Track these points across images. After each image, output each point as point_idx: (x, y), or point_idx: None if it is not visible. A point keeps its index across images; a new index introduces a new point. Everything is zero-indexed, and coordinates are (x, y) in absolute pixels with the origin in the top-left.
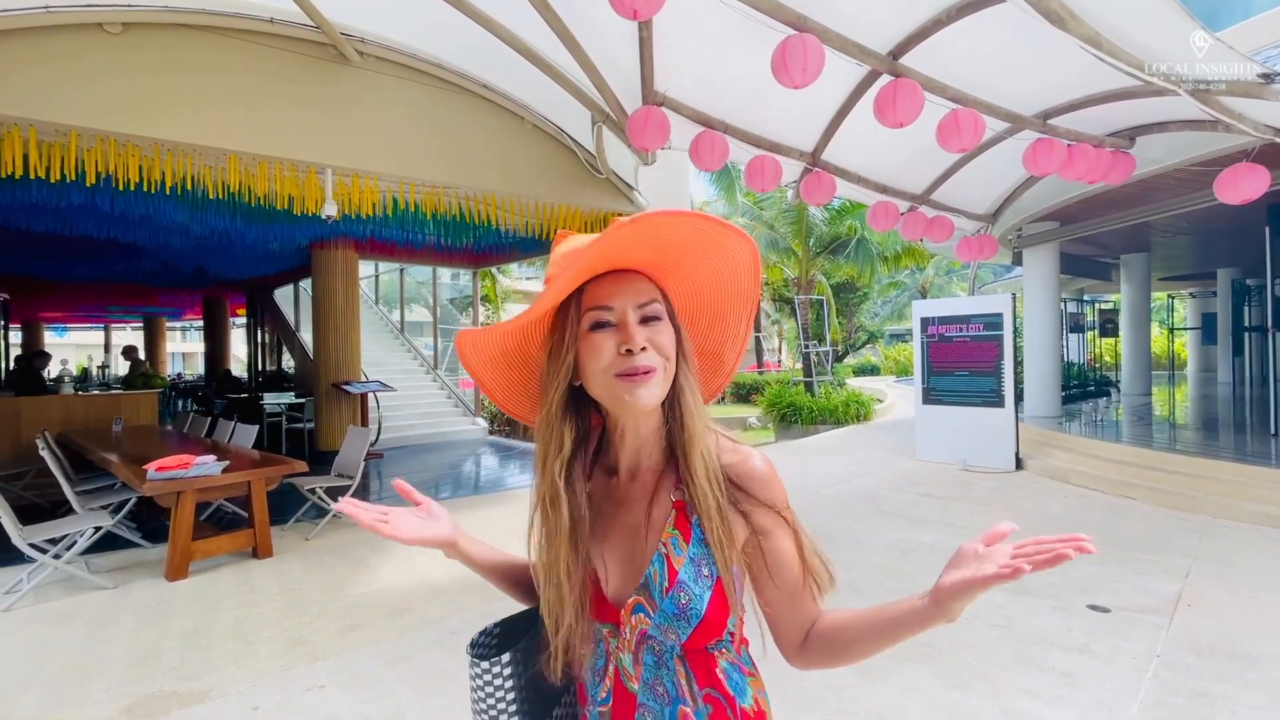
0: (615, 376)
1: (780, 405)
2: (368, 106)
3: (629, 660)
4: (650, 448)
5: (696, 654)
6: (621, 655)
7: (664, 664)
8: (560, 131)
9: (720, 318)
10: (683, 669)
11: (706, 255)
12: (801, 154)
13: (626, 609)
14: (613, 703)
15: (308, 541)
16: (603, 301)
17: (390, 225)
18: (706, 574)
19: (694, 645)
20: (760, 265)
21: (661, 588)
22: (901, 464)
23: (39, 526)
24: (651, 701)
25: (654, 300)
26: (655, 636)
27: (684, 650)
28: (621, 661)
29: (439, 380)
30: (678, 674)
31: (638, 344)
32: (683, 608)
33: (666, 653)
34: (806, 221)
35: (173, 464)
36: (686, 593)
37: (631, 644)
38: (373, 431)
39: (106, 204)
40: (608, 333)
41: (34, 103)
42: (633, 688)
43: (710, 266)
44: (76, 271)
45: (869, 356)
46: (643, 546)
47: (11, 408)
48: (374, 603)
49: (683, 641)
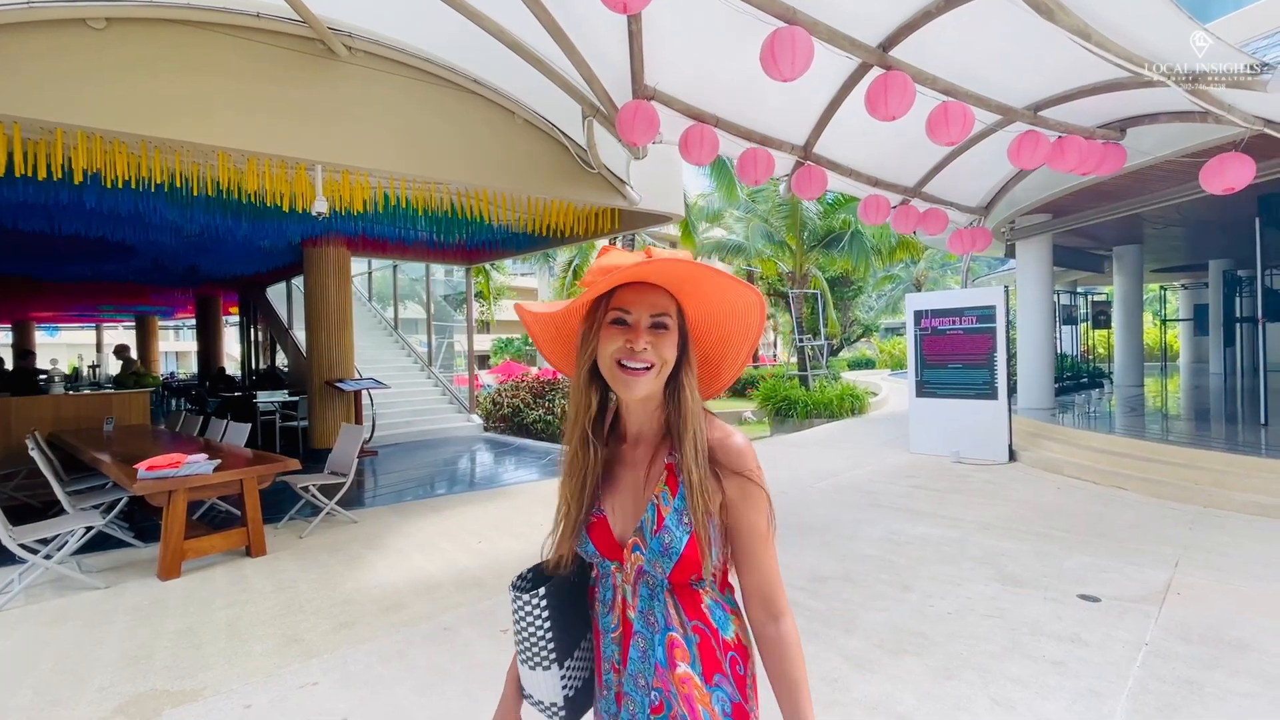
0: (617, 364)
1: (775, 399)
2: (356, 102)
3: (629, 592)
4: (651, 422)
5: (684, 589)
6: (625, 588)
7: (656, 596)
8: (551, 126)
9: (725, 339)
10: (672, 601)
11: (722, 293)
12: (793, 147)
13: (627, 548)
14: (620, 628)
15: (301, 540)
16: (625, 305)
17: (382, 221)
18: (686, 522)
19: (678, 579)
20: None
21: (651, 529)
22: (895, 456)
23: (30, 527)
24: (644, 629)
25: (665, 313)
26: (649, 571)
27: (672, 584)
28: (625, 593)
29: (433, 377)
30: (668, 606)
31: (640, 344)
32: (666, 546)
33: (658, 586)
34: (800, 215)
35: (164, 463)
36: (669, 534)
37: (631, 577)
38: (367, 429)
39: (95, 202)
40: (622, 328)
41: (17, 100)
42: (632, 616)
43: (722, 301)
44: (67, 271)
45: (864, 350)
46: (640, 498)
47: (2, 408)
48: (368, 599)
49: (668, 574)
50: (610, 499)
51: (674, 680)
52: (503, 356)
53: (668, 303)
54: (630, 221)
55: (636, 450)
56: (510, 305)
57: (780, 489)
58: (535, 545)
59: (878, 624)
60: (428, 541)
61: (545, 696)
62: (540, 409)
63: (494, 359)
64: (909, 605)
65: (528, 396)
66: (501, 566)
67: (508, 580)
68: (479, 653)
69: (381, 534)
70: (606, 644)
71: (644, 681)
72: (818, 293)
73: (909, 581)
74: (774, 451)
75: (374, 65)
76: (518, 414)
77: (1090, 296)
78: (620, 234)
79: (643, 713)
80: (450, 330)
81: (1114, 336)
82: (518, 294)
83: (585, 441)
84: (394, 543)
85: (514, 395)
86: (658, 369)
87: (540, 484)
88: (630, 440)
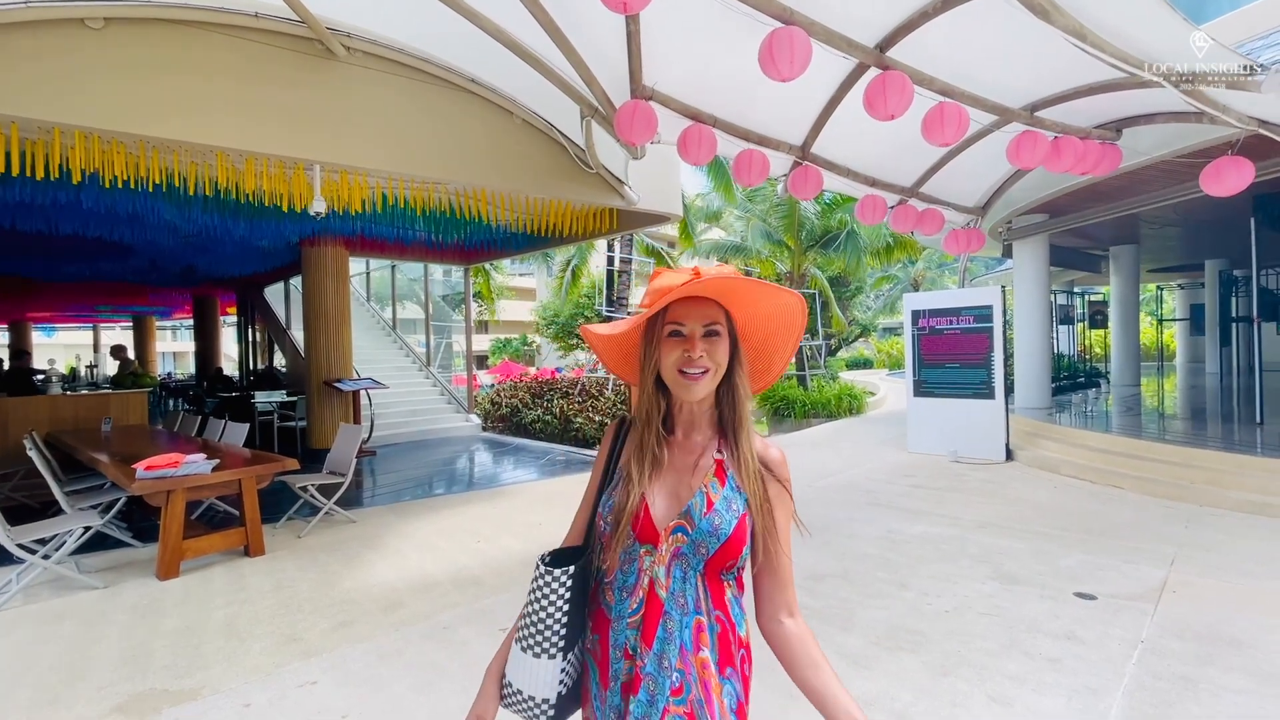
0: (679, 371)
1: (773, 399)
2: (355, 102)
3: (663, 573)
4: (703, 420)
5: (714, 578)
6: (657, 569)
7: (688, 579)
8: (549, 126)
9: (771, 336)
10: (702, 586)
11: (764, 299)
12: (791, 147)
13: (667, 530)
14: (644, 610)
15: (300, 539)
16: (679, 319)
17: (380, 221)
18: (736, 509)
19: (715, 565)
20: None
21: (701, 512)
22: (893, 456)
23: (28, 527)
24: (675, 610)
25: (715, 322)
26: (687, 555)
27: (705, 569)
28: (657, 574)
29: (431, 377)
30: (699, 589)
31: (697, 353)
32: (715, 527)
33: (692, 570)
34: (798, 215)
35: (162, 463)
36: (720, 517)
37: (666, 559)
38: (365, 429)
39: (93, 202)
40: (679, 340)
41: (14, 100)
42: (663, 595)
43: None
44: (64, 270)
45: (861, 350)
46: (688, 486)
47: (0, 408)
48: (366, 598)
49: (709, 557)
50: (653, 486)
51: (696, 663)
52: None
53: (716, 312)
54: (629, 221)
55: (686, 444)
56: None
57: None
58: (534, 544)
59: (875, 622)
60: (426, 541)
61: (537, 690)
62: (539, 409)
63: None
64: (906, 603)
65: (526, 396)
66: (500, 566)
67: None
68: (477, 651)
69: (380, 533)
70: (620, 630)
71: (667, 662)
72: (816, 292)
73: (907, 580)
74: None
75: (372, 65)
76: (516, 414)
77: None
78: (619, 234)
79: (662, 694)
80: (448, 330)
81: (1110, 336)
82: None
83: (659, 439)
84: (392, 542)
85: (512, 395)
86: (713, 372)
87: (539, 484)
88: (680, 435)
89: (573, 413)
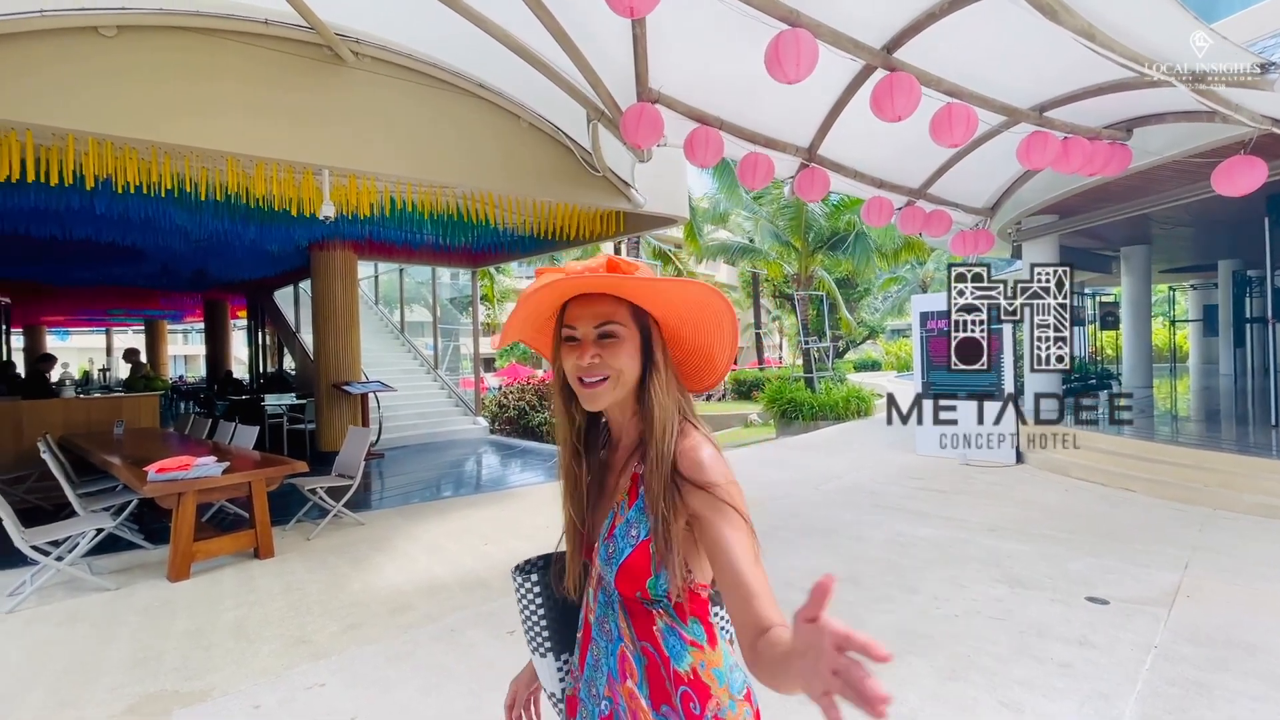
0: (577, 380)
1: (781, 401)
2: (363, 106)
3: (591, 596)
4: (629, 429)
5: (634, 604)
6: (589, 592)
7: (610, 605)
8: (556, 130)
9: (702, 327)
10: (623, 615)
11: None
12: (797, 149)
13: (595, 552)
14: (581, 634)
15: (309, 541)
16: (570, 322)
17: (388, 225)
18: (635, 534)
19: (626, 593)
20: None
21: (603, 537)
22: (901, 458)
23: (41, 529)
24: (600, 637)
25: (610, 321)
26: (604, 578)
27: (622, 597)
28: (588, 598)
29: (439, 380)
30: (619, 618)
31: (586, 358)
32: (610, 555)
33: (611, 596)
34: (805, 217)
35: (173, 465)
36: (614, 545)
37: (594, 582)
38: (373, 432)
39: (105, 207)
40: (573, 346)
41: (29, 107)
42: (592, 620)
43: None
44: (77, 275)
45: (869, 352)
46: (608, 506)
47: (14, 411)
48: (375, 601)
49: (612, 583)
50: (592, 503)
51: (623, 692)
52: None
53: (613, 309)
54: (635, 224)
55: (612, 459)
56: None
57: (784, 491)
58: (542, 547)
59: (883, 626)
60: (434, 543)
61: (546, 684)
62: (546, 411)
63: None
64: (915, 607)
65: (533, 399)
66: (506, 569)
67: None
68: (484, 653)
69: (388, 536)
70: (574, 653)
71: (595, 690)
72: (824, 294)
73: (915, 583)
74: (779, 454)
75: (380, 70)
76: (523, 416)
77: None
78: (625, 236)
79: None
80: (456, 333)
81: (1122, 338)
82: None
83: (576, 455)
84: (401, 545)
85: (519, 398)
86: (614, 379)
87: (546, 486)
88: (613, 445)
89: None
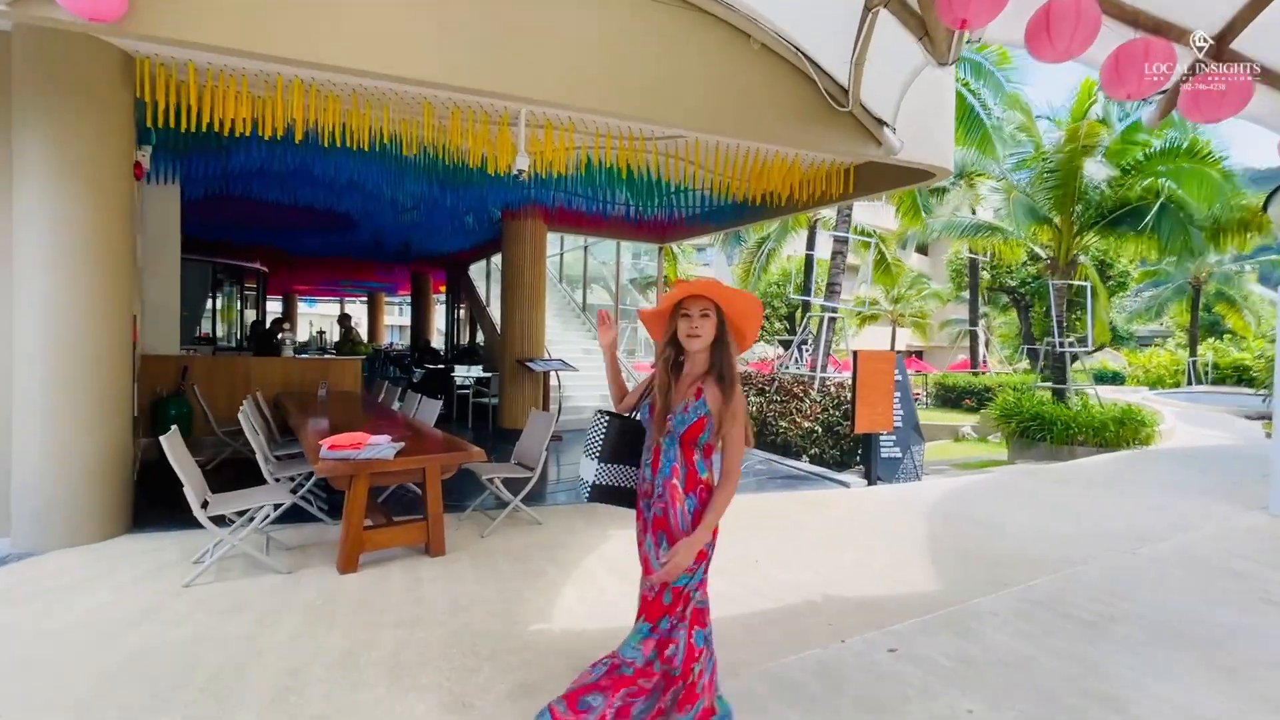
0: (687, 335)
1: (1019, 416)
2: (564, 25)
3: (665, 441)
4: (699, 365)
5: (686, 445)
6: (662, 439)
7: (673, 444)
8: (795, 54)
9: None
10: (678, 449)
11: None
12: (1199, 39)
13: (670, 419)
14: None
15: (483, 539)
16: (686, 307)
17: (582, 188)
18: (696, 412)
19: (684, 440)
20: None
21: (680, 410)
22: (1243, 517)
23: (223, 497)
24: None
25: (707, 310)
26: (674, 429)
27: (680, 441)
28: (661, 442)
29: (620, 362)
30: (676, 450)
31: (695, 324)
32: (683, 420)
33: (675, 440)
34: (1079, 184)
35: (346, 443)
36: (686, 416)
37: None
38: (553, 415)
39: (318, 168)
40: (687, 318)
41: (240, 34)
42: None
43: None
44: (307, 243)
45: (1105, 362)
46: (680, 399)
47: (244, 366)
48: (551, 647)
49: (679, 433)
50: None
51: (668, 487)
52: None
53: (708, 305)
54: (870, 182)
55: (686, 379)
56: None
57: (1081, 552)
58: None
59: None
60: (616, 559)
61: (586, 475)
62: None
63: None
64: None
65: None
66: None
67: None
68: None
69: (565, 542)
70: (646, 465)
71: (661, 479)
72: (1088, 284)
73: None
74: (1026, 486)
75: None
76: None
77: None
78: (852, 199)
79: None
80: (634, 315)
81: None
82: None
83: (667, 367)
84: (579, 557)
85: None
86: (705, 337)
87: (738, 498)
88: (685, 372)
89: (773, 415)
